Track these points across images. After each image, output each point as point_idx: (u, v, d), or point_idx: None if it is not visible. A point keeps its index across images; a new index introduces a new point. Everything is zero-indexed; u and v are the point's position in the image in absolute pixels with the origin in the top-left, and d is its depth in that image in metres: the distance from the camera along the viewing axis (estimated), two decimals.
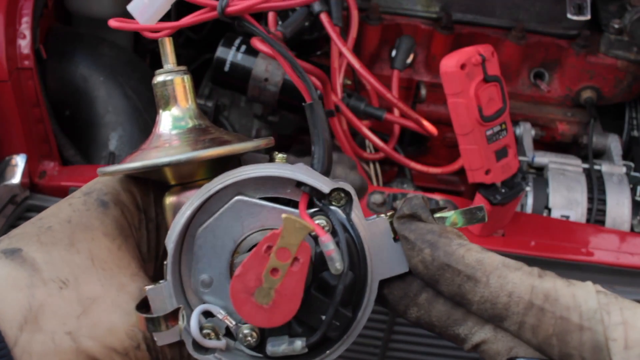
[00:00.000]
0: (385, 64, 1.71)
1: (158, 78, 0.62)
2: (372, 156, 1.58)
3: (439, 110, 1.72)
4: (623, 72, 1.62)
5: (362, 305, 0.56)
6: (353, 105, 1.51)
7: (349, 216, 0.55)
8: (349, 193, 0.55)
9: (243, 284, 0.50)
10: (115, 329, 0.54)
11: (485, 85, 1.12)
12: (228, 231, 0.56)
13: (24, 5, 1.42)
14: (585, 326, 0.48)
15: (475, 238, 1.32)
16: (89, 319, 0.54)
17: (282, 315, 0.50)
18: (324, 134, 0.58)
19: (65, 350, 0.53)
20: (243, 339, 0.55)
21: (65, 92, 1.57)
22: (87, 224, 0.58)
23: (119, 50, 1.65)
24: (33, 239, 0.56)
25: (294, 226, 0.49)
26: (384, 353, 1.50)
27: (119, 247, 0.58)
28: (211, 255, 0.56)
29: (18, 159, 1.38)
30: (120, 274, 0.57)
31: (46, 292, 0.53)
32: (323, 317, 0.53)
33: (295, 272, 0.50)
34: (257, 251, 0.50)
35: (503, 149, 1.19)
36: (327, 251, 0.52)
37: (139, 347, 0.55)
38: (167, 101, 0.62)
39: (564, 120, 1.71)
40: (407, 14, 1.67)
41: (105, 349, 0.54)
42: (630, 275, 1.31)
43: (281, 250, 0.50)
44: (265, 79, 1.56)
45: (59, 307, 0.53)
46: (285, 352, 0.52)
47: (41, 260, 0.54)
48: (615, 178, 1.48)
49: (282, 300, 0.50)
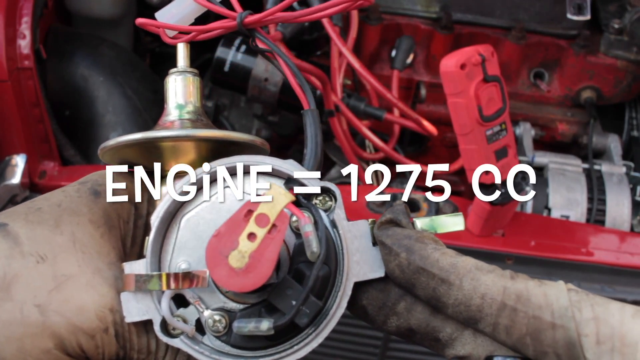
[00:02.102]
0: (385, 64, 1.71)
1: (171, 74, 0.66)
2: (372, 156, 1.58)
3: (439, 110, 1.72)
4: (623, 72, 1.62)
5: (335, 304, 0.56)
6: (353, 105, 1.51)
7: (332, 214, 0.57)
8: (334, 193, 0.57)
9: (219, 245, 0.50)
10: (86, 308, 0.54)
11: (485, 85, 1.12)
12: (213, 221, 0.57)
13: (24, 5, 1.42)
14: (558, 324, 0.49)
15: (475, 238, 1.32)
16: (61, 295, 0.54)
17: (254, 280, 0.50)
18: (317, 139, 0.60)
19: (31, 322, 0.53)
20: (212, 324, 0.55)
21: (65, 92, 1.57)
22: (76, 209, 0.59)
23: (119, 50, 1.65)
24: (21, 216, 0.57)
25: (277, 193, 0.51)
26: (384, 353, 1.50)
27: (102, 235, 0.59)
28: (193, 242, 0.57)
29: (18, 159, 1.38)
30: (99, 260, 0.57)
31: (23, 264, 0.54)
32: (294, 303, 0.53)
33: (272, 238, 0.50)
34: (238, 215, 0.51)
35: (503, 149, 1.19)
36: (305, 232, 0.53)
37: (107, 331, 0.55)
38: (175, 96, 0.65)
39: (563, 120, 1.71)
40: (407, 14, 1.67)
41: (72, 327, 0.54)
42: (630, 275, 1.31)
43: (261, 216, 0.50)
44: (265, 79, 1.56)
45: (33, 279, 0.54)
46: (251, 330, 0.52)
47: (24, 235, 0.56)
48: (615, 178, 1.48)
49: (256, 265, 0.50)
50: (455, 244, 1.31)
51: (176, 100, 0.65)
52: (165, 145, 0.61)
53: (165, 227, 0.58)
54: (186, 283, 0.55)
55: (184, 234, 0.58)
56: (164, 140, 0.60)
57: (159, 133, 0.59)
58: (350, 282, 0.56)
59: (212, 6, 0.64)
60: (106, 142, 0.61)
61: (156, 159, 0.62)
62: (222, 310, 0.56)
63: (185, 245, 0.58)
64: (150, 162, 0.63)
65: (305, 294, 0.53)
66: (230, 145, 0.62)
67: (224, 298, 0.57)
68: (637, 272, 1.30)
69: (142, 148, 0.62)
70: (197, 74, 0.66)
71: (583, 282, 1.31)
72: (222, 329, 0.56)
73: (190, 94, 0.65)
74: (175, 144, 0.61)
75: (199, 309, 0.56)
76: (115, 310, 0.55)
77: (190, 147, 0.61)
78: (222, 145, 0.62)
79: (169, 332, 0.56)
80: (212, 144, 0.62)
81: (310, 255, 0.53)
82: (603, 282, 1.32)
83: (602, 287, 1.31)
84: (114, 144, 0.60)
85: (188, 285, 0.55)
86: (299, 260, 0.55)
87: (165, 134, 0.60)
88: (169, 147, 0.61)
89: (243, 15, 0.62)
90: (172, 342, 0.55)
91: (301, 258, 0.55)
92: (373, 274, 0.57)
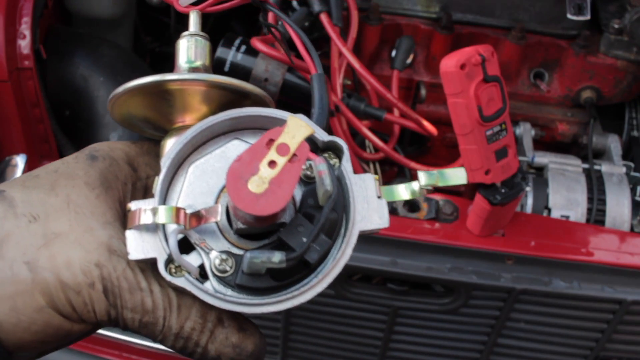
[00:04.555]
0: (385, 64, 1.71)
1: (183, 37, 0.66)
2: (372, 156, 1.58)
3: (439, 110, 1.72)
4: (623, 72, 1.62)
5: (342, 247, 0.57)
6: (353, 105, 1.51)
7: (337, 170, 0.59)
8: (342, 147, 0.59)
9: (241, 169, 0.51)
10: (71, 263, 0.54)
11: (485, 85, 1.12)
12: (221, 170, 0.58)
13: (24, 5, 1.42)
14: None
15: (475, 238, 1.32)
16: (48, 251, 0.54)
17: (272, 205, 0.50)
18: (324, 100, 0.64)
19: (20, 280, 0.53)
20: (219, 263, 0.56)
21: (65, 92, 1.57)
22: (72, 173, 0.60)
23: (119, 50, 1.65)
24: (18, 183, 0.59)
25: (297, 124, 0.52)
26: (384, 353, 1.50)
27: (97, 196, 0.59)
28: (201, 188, 0.58)
29: (18, 159, 1.38)
30: (92, 219, 0.57)
31: (15, 224, 0.55)
32: (305, 240, 0.54)
33: (291, 166, 0.51)
34: (259, 143, 0.52)
35: (503, 149, 1.19)
36: (319, 171, 0.54)
37: (94, 286, 0.54)
38: (187, 54, 0.65)
39: (563, 120, 1.71)
40: (407, 14, 1.67)
41: (59, 283, 0.54)
42: (630, 275, 1.31)
43: (282, 146, 0.52)
44: (265, 79, 1.56)
45: (23, 237, 0.55)
46: (263, 261, 0.52)
47: (19, 199, 0.57)
48: (615, 178, 1.48)
49: (275, 191, 0.51)
50: (455, 244, 1.32)
51: (187, 57, 0.65)
52: (174, 91, 0.61)
53: (173, 171, 0.59)
54: (194, 221, 0.55)
55: (191, 180, 0.58)
56: (173, 83, 0.60)
57: (169, 76, 0.59)
58: (356, 230, 0.58)
59: None
60: (115, 91, 0.61)
61: (165, 109, 0.62)
62: (228, 253, 0.56)
63: (192, 191, 0.58)
64: (160, 114, 0.63)
65: (317, 230, 0.54)
66: (242, 100, 0.63)
67: (228, 244, 0.57)
68: (637, 272, 1.30)
69: (151, 96, 0.61)
70: (208, 38, 0.67)
71: (583, 282, 1.32)
72: (229, 269, 0.56)
73: (201, 54, 0.65)
74: (185, 89, 0.60)
75: (206, 249, 0.56)
76: (102, 265, 0.55)
77: (200, 95, 0.61)
78: (234, 98, 0.62)
79: (172, 275, 0.56)
80: (223, 94, 0.61)
81: (323, 194, 0.54)
82: (603, 282, 1.32)
83: (602, 287, 1.31)
84: (122, 91, 0.60)
85: (196, 222, 0.55)
86: (307, 205, 0.57)
87: (175, 76, 0.59)
88: (178, 94, 0.61)
89: None
90: (177, 281, 0.55)
91: (309, 203, 0.57)
92: (377, 224, 0.59)
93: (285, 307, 0.56)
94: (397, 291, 1.38)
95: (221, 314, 0.58)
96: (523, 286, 1.31)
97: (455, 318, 1.41)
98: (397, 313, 1.42)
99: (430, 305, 1.40)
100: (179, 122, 0.63)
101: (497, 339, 1.44)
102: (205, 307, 0.57)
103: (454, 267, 1.31)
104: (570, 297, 1.32)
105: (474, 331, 1.44)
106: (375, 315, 1.43)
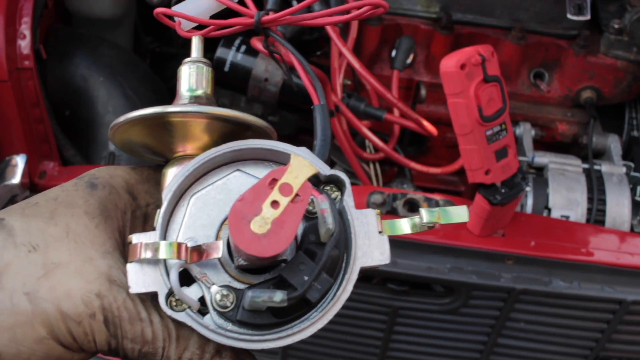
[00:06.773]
0: (385, 64, 1.71)
1: (185, 63, 0.66)
2: (372, 156, 1.58)
3: (439, 110, 1.72)
4: (623, 72, 1.62)
5: (343, 284, 0.56)
6: (353, 105, 1.51)
7: (342, 201, 0.59)
8: (344, 181, 0.59)
9: (243, 209, 0.51)
10: (72, 293, 0.54)
11: (485, 85, 1.12)
12: (222, 203, 0.58)
13: (24, 5, 1.42)
14: None
15: (475, 238, 1.32)
16: (48, 282, 0.54)
17: (274, 246, 0.50)
18: (326, 131, 0.63)
19: (20, 311, 0.53)
20: (220, 299, 0.55)
21: (65, 92, 1.57)
22: (71, 201, 0.60)
23: (119, 51, 1.65)
24: (18, 211, 0.58)
25: (301, 164, 0.52)
26: (384, 353, 1.50)
27: (97, 225, 0.59)
28: (202, 220, 0.58)
29: (18, 159, 1.38)
30: (92, 249, 0.57)
31: (14, 253, 0.55)
32: (306, 278, 0.54)
33: (294, 207, 0.51)
34: (262, 182, 0.52)
35: (503, 149, 1.19)
36: (321, 209, 0.54)
37: (94, 317, 0.54)
38: (188, 82, 0.65)
39: (563, 120, 1.71)
40: (407, 14, 1.67)
41: (60, 314, 0.54)
42: (630, 275, 1.31)
43: (284, 185, 0.51)
44: (265, 79, 1.56)
45: (23, 268, 0.54)
46: (264, 300, 0.52)
47: (19, 228, 0.56)
48: (615, 178, 1.48)
49: (277, 232, 0.50)
50: (455, 244, 1.32)
51: (189, 86, 0.65)
52: (176, 122, 0.60)
53: (174, 203, 0.58)
54: (195, 255, 0.55)
55: (193, 212, 0.58)
56: (175, 115, 0.59)
57: (171, 108, 0.59)
58: (357, 266, 0.57)
59: (230, 3, 0.65)
60: (116, 120, 0.60)
61: (166, 139, 0.62)
62: (229, 287, 0.56)
63: (193, 223, 0.58)
64: (161, 142, 0.63)
65: (318, 269, 0.54)
66: (243, 130, 0.62)
67: (229, 277, 0.57)
68: (637, 272, 1.30)
69: (153, 126, 0.61)
70: (210, 65, 0.67)
71: (583, 282, 1.32)
72: (230, 304, 0.56)
73: (203, 82, 0.65)
74: (186, 121, 0.60)
75: (206, 284, 0.56)
76: (103, 295, 0.55)
77: (201, 126, 0.61)
78: (236, 129, 0.62)
79: (173, 308, 0.55)
80: (224, 126, 0.61)
81: (325, 232, 0.54)
82: (603, 282, 1.32)
83: (602, 287, 1.31)
84: (124, 121, 0.60)
85: (197, 257, 0.55)
86: (309, 241, 0.56)
87: (177, 109, 0.59)
88: (179, 125, 0.61)
89: (260, 14, 0.64)
90: (177, 316, 0.55)
91: (310, 239, 0.56)
92: (378, 260, 0.58)
93: (285, 343, 0.56)
94: (397, 291, 1.38)
95: (219, 345, 0.58)
96: (523, 286, 1.31)
97: (455, 318, 1.41)
98: (397, 313, 1.42)
99: (430, 305, 1.40)
100: (180, 151, 0.63)
101: (497, 339, 1.44)
102: (204, 338, 0.57)
103: (454, 267, 1.31)
104: (570, 297, 1.32)
105: (474, 331, 1.44)
106: (375, 315, 1.43)
